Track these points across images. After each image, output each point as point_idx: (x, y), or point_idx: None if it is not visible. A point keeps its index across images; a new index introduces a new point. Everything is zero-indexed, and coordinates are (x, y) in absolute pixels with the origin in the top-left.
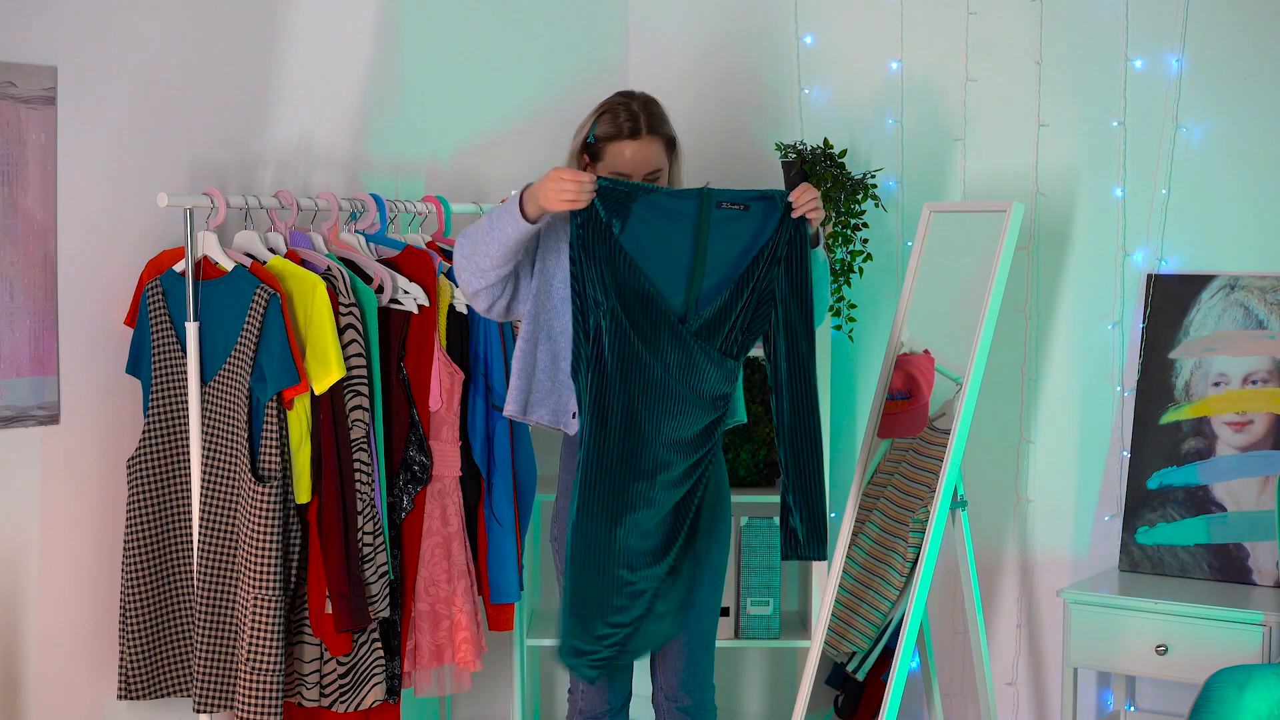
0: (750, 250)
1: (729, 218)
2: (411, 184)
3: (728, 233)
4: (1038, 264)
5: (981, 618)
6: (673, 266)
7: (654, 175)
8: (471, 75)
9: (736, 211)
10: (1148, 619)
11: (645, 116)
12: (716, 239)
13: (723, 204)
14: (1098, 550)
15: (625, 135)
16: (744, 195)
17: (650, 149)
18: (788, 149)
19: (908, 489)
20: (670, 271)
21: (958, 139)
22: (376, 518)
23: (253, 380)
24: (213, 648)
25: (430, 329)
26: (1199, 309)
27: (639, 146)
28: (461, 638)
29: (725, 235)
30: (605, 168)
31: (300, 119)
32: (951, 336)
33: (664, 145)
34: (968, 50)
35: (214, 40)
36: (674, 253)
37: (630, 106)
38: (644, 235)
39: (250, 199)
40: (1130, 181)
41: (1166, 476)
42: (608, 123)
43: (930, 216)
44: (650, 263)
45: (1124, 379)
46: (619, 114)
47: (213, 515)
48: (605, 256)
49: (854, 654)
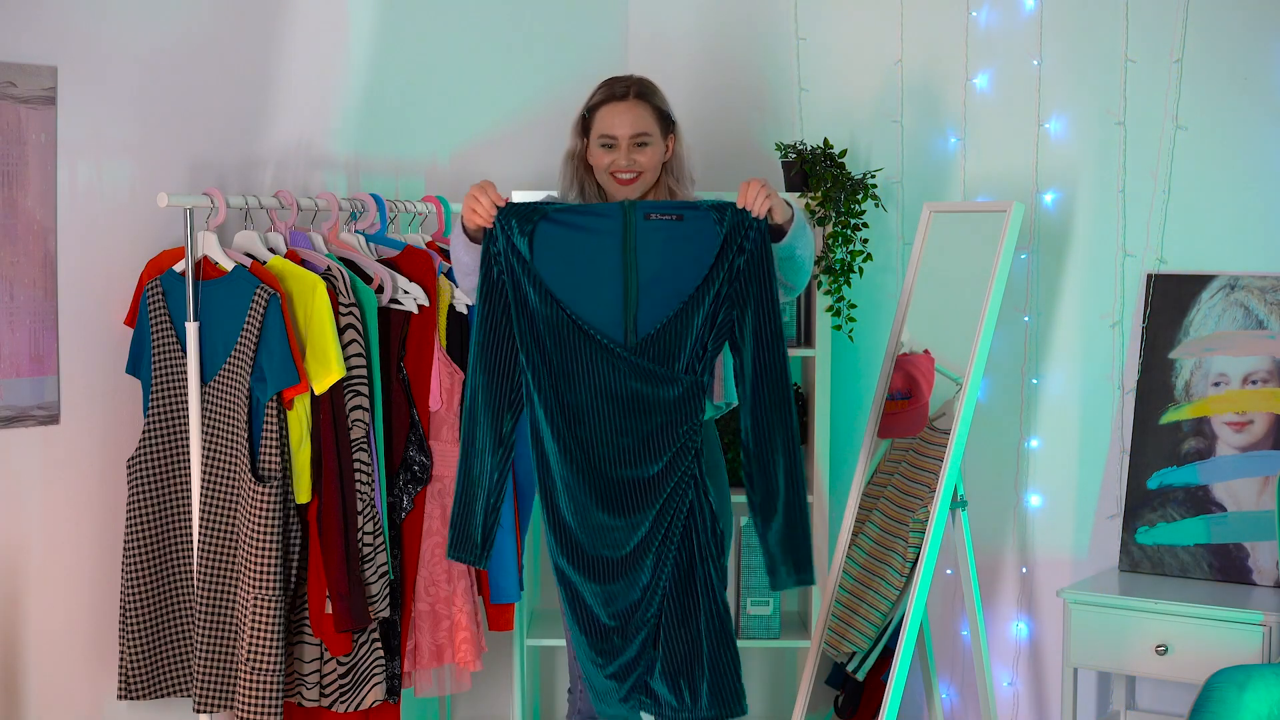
0: (701, 263)
1: (660, 228)
2: (411, 184)
3: (661, 243)
4: (1038, 264)
5: (981, 618)
6: (601, 287)
7: (641, 138)
8: (471, 75)
9: (668, 221)
10: (1148, 619)
11: (636, 85)
12: (648, 251)
13: (651, 215)
14: (1098, 550)
15: (615, 98)
16: (675, 205)
17: (637, 111)
18: (788, 149)
19: (908, 489)
20: (598, 292)
21: (958, 139)
22: (376, 518)
23: (253, 380)
24: (213, 648)
25: (430, 329)
26: (1199, 309)
27: (626, 107)
28: (461, 638)
29: (659, 246)
30: (595, 135)
31: (300, 119)
32: (951, 336)
33: (654, 115)
34: (968, 49)
35: (214, 40)
36: (601, 272)
37: (621, 77)
38: (561, 257)
39: (250, 199)
40: (1130, 181)
41: (1166, 476)
42: (600, 92)
43: (930, 216)
44: (571, 287)
45: (1124, 379)
46: (611, 82)
47: (213, 515)
48: (513, 286)
49: (854, 654)
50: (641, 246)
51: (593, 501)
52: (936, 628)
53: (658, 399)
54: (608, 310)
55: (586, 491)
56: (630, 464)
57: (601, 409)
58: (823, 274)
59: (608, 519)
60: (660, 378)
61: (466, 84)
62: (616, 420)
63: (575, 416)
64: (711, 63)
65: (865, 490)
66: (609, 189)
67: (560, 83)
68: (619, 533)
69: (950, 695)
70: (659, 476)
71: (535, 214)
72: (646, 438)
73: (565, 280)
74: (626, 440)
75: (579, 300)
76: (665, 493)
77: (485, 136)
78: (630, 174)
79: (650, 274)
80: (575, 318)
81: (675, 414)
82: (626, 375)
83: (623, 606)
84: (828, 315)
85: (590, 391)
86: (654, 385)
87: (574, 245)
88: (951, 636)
